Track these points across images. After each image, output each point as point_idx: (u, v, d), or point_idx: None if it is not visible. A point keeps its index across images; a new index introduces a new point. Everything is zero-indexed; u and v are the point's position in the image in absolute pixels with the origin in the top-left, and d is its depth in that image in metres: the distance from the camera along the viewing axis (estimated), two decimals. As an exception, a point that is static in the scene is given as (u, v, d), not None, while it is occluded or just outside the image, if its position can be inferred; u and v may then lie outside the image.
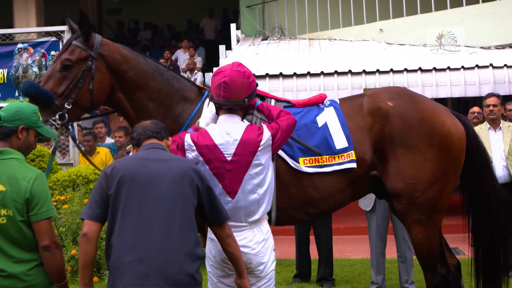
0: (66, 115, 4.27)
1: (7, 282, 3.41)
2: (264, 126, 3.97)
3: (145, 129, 3.61)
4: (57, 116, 4.22)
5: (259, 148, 3.88)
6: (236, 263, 3.68)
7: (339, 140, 4.45)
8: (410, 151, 4.43)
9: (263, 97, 4.57)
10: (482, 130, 7.37)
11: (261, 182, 3.93)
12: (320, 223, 7.19)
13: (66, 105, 4.27)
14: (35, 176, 3.50)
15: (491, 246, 4.84)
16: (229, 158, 3.84)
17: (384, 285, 6.59)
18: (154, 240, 3.26)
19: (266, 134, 3.92)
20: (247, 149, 3.86)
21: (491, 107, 7.30)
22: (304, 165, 4.39)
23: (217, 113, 4.09)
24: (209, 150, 3.84)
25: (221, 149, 3.84)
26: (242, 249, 3.80)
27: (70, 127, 4.52)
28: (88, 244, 3.33)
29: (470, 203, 4.93)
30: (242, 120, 4.07)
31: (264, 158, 3.92)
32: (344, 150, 4.44)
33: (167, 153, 3.56)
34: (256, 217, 3.94)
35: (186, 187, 3.38)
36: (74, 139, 5.18)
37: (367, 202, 6.49)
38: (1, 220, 3.43)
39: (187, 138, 3.89)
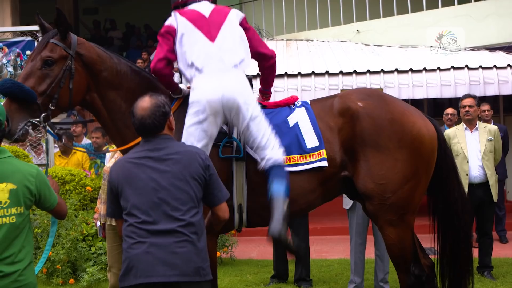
0: (51, 116, 4.22)
1: (2, 283, 3.40)
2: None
3: (143, 123, 3.50)
4: (41, 118, 4.14)
5: (230, 12, 4.43)
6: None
7: (310, 140, 4.45)
8: (380, 152, 4.43)
9: None
10: (459, 131, 7.46)
11: (239, 37, 4.38)
12: (297, 224, 7.18)
13: (50, 106, 4.19)
14: (36, 172, 3.59)
15: (456, 251, 4.84)
16: (206, 15, 4.38)
17: (363, 284, 6.60)
18: (161, 233, 3.29)
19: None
20: (221, 12, 4.41)
21: (467, 108, 7.38)
22: None
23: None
24: (190, 12, 4.42)
25: (199, 10, 4.41)
26: (225, 87, 4.18)
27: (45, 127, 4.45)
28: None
29: (436, 208, 4.93)
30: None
31: (236, 20, 4.42)
32: (315, 149, 4.43)
33: (170, 145, 3.51)
34: (237, 59, 4.29)
35: (190, 183, 3.40)
36: (60, 138, 5.10)
37: (347, 200, 6.45)
38: (11, 220, 3.44)
39: (171, 19, 4.53)
